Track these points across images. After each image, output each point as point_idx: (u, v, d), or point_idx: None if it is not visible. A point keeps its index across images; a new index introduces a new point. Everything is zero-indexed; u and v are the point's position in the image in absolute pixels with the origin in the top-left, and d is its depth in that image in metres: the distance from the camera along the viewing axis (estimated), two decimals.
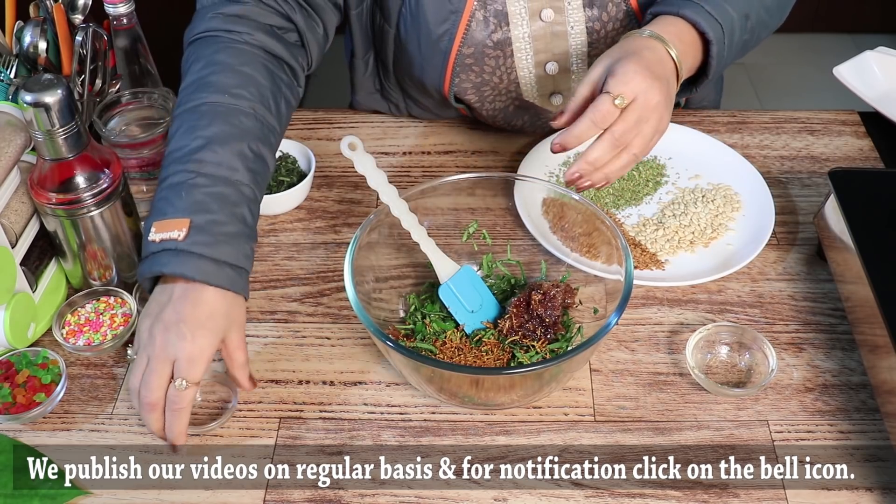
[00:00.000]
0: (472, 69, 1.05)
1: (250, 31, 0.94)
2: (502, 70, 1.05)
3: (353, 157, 0.90)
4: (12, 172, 0.89)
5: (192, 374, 0.79)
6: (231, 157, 0.86)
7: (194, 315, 0.80)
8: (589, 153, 0.84)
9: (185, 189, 0.83)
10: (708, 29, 0.90)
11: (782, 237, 1.03)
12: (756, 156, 1.13)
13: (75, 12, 1.02)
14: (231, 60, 0.92)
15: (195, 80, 0.91)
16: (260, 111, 0.90)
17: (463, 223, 0.96)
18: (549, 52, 1.04)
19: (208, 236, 0.81)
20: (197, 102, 0.89)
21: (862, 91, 1.19)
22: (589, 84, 0.86)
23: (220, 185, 0.84)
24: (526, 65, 1.05)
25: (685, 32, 0.91)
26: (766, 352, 0.88)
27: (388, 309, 0.93)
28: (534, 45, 1.03)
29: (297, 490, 0.80)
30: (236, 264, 0.83)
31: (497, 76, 1.06)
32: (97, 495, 0.80)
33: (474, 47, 1.03)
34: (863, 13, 2.86)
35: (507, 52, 1.03)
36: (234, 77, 0.91)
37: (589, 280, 0.92)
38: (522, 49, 1.03)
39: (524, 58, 1.04)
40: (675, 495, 0.79)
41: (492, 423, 0.85)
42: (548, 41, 1.03)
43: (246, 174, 0.87)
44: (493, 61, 1.04)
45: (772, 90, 2.67)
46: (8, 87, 0.99)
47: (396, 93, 1.16)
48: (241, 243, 0.84)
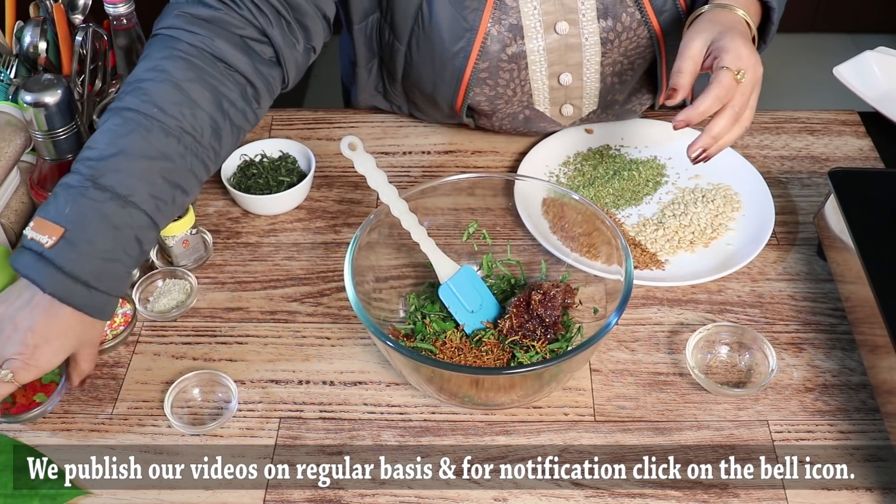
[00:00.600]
0: (487, 83, 1.05)
1: (212, 37, 0.87)
2: (516, 83, 1.05)
3: (353, 157, 0.90)
4: (12, 172, 0.89)
5: (21, 377, 0.79)
6: (135, 178, 0.81)
7: (46, 328, 0.78)
8: (713, 127, 0.87)
9: (74, 196, 0.79)
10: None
11: (782, 237, 1.03)
12: (756, 156, 1.13)
13: (75, 12, 1.02)
14: (177, 74, 0.85)
15: (135, 81, 0.85)
16: (188, 137, 0.84)
17: (463, 223, 0.96)
18: (564, 63, 1.04)
19: (76, 253, 0.78)
20: (127, 105, 0.83)
21: (862, 91, 1.19)
22: (691, 59, 0.89)
23: (112, 204, 0.79)
24: (540, 77, 1.05)
25: (751, 2, 0.95)
26: (766, 352, 0.88)
27: (388, 309, 0.93)
28: (548, 58, 1.03)
29: (297, 490, 0.80)
30: (98, 287, 0.79)
31: (511, 89, 1.06)
32: (97, 495, 0.80)
33: (489, 62, 1.02)
34: (863, 13, 2.86)
35: (521, 65, 1.03)
36: (174, 94, 0.84)
37: (589, 280, 0.92)
38: (537, 62, 1.03)
39: (538, 70, 1.04)
40: (675, 495, 0.79)
41: (492, 423, 0.85)
42: (562, 53, 1.03)
43: (147, 200, 0.81)
44: (507, 74, 1.04)
45: (772, 90, 2.67)
46: (8, 87, 0.99)
47: (400, 98, 1.16)
48: (113, 267, 0.80)
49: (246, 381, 0.89)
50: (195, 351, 0.92)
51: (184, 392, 0.87)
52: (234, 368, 0.90)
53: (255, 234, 1.05)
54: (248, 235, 1.05)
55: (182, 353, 0.92)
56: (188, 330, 0.94)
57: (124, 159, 0.81)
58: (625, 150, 1.13)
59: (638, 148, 1.13)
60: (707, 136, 0.88)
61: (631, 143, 1.14)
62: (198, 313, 0.96)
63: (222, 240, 1.04)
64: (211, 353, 0.92)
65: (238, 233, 1.05)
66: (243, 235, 1.05)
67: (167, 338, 0.94)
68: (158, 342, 0.93)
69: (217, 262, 1.01)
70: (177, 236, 0.97)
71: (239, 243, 1.04)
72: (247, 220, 1.07)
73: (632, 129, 1.15)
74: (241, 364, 0.91)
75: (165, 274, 0.98)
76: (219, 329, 0.94)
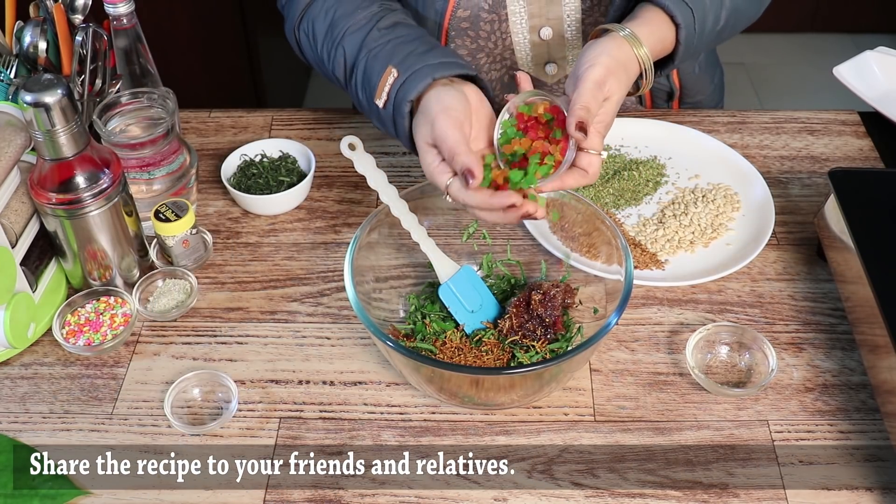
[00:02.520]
0: (468, 34, 1.07)
1: None
2: (497, 35, 1.08)
3: (353, 157, 0.90)
4: (12, 172, 0.89)
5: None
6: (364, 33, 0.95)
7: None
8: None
9: (371, 63, 0.92)
10: (677, 13, 0.92)
11: (782, 237, 1.03)
12: (756, 156, 1.13)
13: (75, 12, 1.02)
14: None
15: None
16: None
17: (463, 223, 0.96)
18: (544, 16, 1.06)
19: (415, 58, 0.89)
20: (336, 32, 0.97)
21: (862, 91, 1.19)
22: (596, 85, 0.84)
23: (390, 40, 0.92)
24: (521, 30, 1.07)
25: (661, 23, 0.92)
26: (766, 352, 0.88)
27: (388, 309, 0.93)
28: (528, 9, 1.06)
29: (297, 490, 0.80)
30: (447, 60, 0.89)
31: (492, 41, 1.08)
32: (97, 495, 0.80)
33: (470, 10, 1.05)
34: (863, 13, 2.86)
35: (501, 15, 1.06)
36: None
37: (589, 280, 0.92)
38: (517, 13, 1.06)
39: (518, 22, 1.06)
40: (675, 495, 0.79)
41: (492, 423, 0.85)
42: (542, 5, 1.05)
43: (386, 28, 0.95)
44: (488, 26, 1.07)
45: (772, 90, 2.67)
46: (8, 87, 0.99)
47: None
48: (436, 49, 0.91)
49: (246, 381, 0.89)
50: (195, 351, 0.92)
51: (184, 392, 0.87)
52: (234, 368, 0.90)
53: (255, 234, 1.05)
54: (248, 235, 1.05)
55: (182, 353, 0.92)
56: (188, 330, 0.94)
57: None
58: (625, 150, 1.13)
59: (638, 148, 1.13)
60: (560, 186, 0.84)
61: (631, 143, 1.14)
62: (198, 313, 0.96)
63: (222, 240, 1.04)
64: (211, 353, 0.92)
65: (238, 233, 1.05)
66: (243, 235, 1.05)
67: (167, 338, 0.94)
68: (158, 342, 0.93)
69: (217, 262, 1.01)
70: (177, 236, 0.97)
71: (239, 243, 1.04)
72: (247, 220, 1.07)
73: (632, 129, 1.15)
74: (241, 364, 0.91)
75: (165, 274, 0.98)
76: (219, 329, 0.94)
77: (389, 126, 0.92)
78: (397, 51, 0.92)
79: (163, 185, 1.02)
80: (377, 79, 0.92)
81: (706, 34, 0.96)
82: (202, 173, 1.12)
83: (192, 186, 1.05)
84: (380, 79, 0.91)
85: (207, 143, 1.18)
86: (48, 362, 0.91)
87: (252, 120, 1.21)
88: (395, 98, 0.89)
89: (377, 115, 0.93)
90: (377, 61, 0.92)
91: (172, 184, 1.02)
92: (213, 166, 1.13)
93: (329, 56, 0.99)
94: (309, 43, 1.02)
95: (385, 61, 0.91)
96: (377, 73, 0.92)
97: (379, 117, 0.93)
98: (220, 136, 1.19)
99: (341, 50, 0.97)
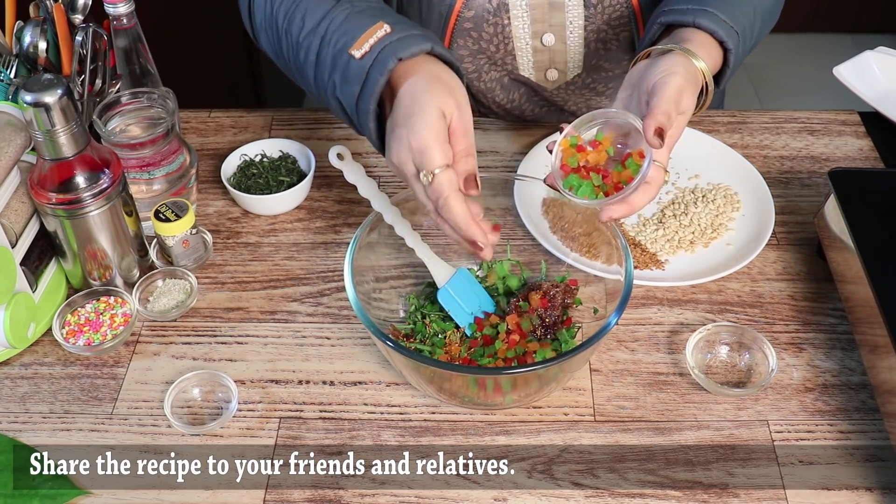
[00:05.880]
0: (471, 34, 1.07)
1: None
2: (499, 38, 1.07)
3: (342, 166, 0.89)
4: (12, 172, 0.89)
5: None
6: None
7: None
8: (636, 203, 0.84)
9: (351, 18, 0.89)
10: (728, 40, 0.90)
11: (782, 237, 1.03)
12: (756, 156, 1.13)
13: (75, 12, 1.02)
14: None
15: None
16: None
17: None
18: (546, 22, 1.06)
19: (411, 25, 0.88)
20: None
21: (862, 91, 1.19)
22: (677, 93, 0.84)
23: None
24: (523, 34, 1.07)
25: (711, 48, 0.90)
26: (766, 352, 0.88)
27: (388, 309, 0.93)
28: (531, 14, 1.05)
29: (297, 490, 0.80)
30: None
31: (494, 44, 1.08)
32: (97, 495, 0.80)
33: (474, 10, 1.05)
34: (863, 13, 2.86)
35: (504, 19, 1.05)
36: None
37: (589, 280, 0.92)
38: (520, 17, 1.05)
39: (521, 26, 1.06)
40: (675, 495, 0.79)
41: (492, 423, 0.85)
42: (545, 11, 1.05)
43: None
44: (491, 28, 1.06)
45: (772, 90, 2.67)
46: (8, 87, 0.99)
47: None
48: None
49: (246, 381, 0.89)
50: (195, 351, 0.92)
51: (184, 392, 0.87)
52: (234, 368, 0.90)
53: (255, 234, 1.05)
54: (248, 235, 1.05)
55: (182, 353, 0.92)
56: (188, 330, 0.94)
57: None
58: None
59: None
60: (628, 208, 0.83)
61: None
62: (198, 313, 0.96)
63: (222, 240, 1.04)
64: (211, 353, 0.92)
65: (238, 233, 1.05)
66: (243, 235, 1.05)
67: (167, 338, 0.94)
68: (158, 342, 0.93)
69: (217, 262, 1.02)
70: (177, 236, 0.97)
71: (239, 243, 1.04)
72: (247, 220, 1.07)
73: None
74: (241, 364, 0.91)
75: (165, 274, 0.98)
76: (219, 329, 0.94)
77: (354, 80, 0.87)
78: (389, 14, 0.90)
79: (163, 185, 1.02)
80: (361, 31, 0.87)
81: (742, 54, 0.96)
82: (202, 173, 1.12)
83: (192, 186, 1.05)
84: (365, 31, 0.87)
85: (207, 143, 1.18)
86: (48, 362, 0.91)
87: (252, 120, 1.21)
88: (381, 52, 0.85)
89: (341, 68, 0.88)
90: (363, 17, 0.89)
91: (172, 184, 1.02)
92: (213, 166, 1.13)
93: (286, 13, 0.94)
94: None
95: (375, 18, 0.88)
96: (362, 26, 0.88)
97: (342, 71, 0.88)
98: (220, 136, 1.19)
99: (311, 3, 0.93)
